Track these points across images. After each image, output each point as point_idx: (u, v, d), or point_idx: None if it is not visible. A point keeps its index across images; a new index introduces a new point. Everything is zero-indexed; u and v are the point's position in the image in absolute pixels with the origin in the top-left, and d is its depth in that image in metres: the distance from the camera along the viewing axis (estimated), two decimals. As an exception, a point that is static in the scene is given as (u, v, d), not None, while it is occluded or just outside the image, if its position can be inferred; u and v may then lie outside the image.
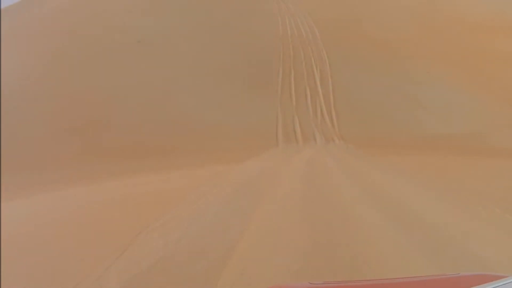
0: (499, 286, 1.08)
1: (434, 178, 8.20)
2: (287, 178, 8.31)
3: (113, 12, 21.39)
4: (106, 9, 21.95)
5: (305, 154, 11.33)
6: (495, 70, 18.65)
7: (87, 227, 5.42)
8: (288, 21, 21.99)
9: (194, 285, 3.23)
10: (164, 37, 19.03)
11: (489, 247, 3.91)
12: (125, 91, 14.60)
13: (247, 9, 22.65)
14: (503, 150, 12.93)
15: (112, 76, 15.66)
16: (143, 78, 15.38)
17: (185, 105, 13.67)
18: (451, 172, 9.05)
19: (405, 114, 15.02)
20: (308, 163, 10.29)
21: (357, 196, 6.36)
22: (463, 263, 3.48)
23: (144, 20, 20.41)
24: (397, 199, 6.24)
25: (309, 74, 17.24)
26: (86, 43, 18.30)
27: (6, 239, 4.37)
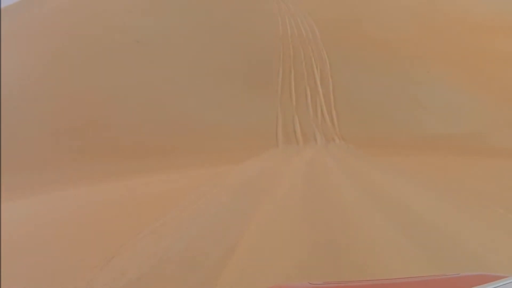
0: (499, 286, 1.08)
1: (434, 178, 8.17)
2: (287, 179, 8.27)
3: (112, 12, 21.33)
4: (105, 9, 21.89)
5: (306, 154, 11.28)
6: (495, 70, 18.60)
7: (85, 228, 5.39)
8: (288, 21, 21.95)
9: (194, 285, 3.22)
10: (163, 37, 18.98)
11: (489, 247, 3.90)
12: (124, 91, 14.56)
13: (247, 9, 22.61)
14: (504, 150, 12.89)
15: (111, 76, 15.62)
16: (142, 78, 15.34)
17: (184, 105, 13.63)
18: (451, 172, 9.02)
19: (405, 114, 15.00)
20: (308, 163, 10.25)
21: (357, 196, 6.35)
22: (463, 263, 3.48)
23: (143, 20, 20.36)
24: (397, 199, 6.22)
25: (309, 74, 17.20)
26: (85, 43, 18.24)
27: (5, 239, 4.36)
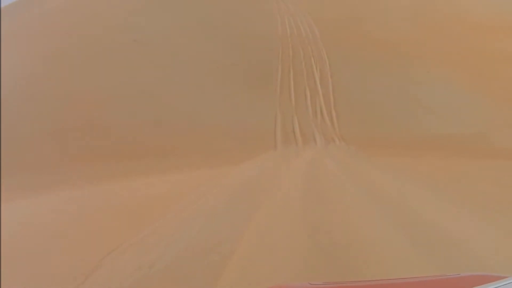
0: (499, 286, 1.08)
1: (435, 178, 8.14)
2: (287, 179, 8.22)
3: (109, 11, 21.24)
4: (103, 9, 21.80)
5: (305, 155, 11.21)
6: (495, 70, 18.57)
7: (84, 229, 5.39)
8: (287, 21, 21.87)
9: (195, 285, 3.26)
10: (161, 36, 18.88)
11: (489, 247, 3.95)
12: (121, 91, 14.41)
13: (246, 8, 22.57)
14: (504, 150, 12.82)
15: (109, 75, 15.50)
16: (139, 78, 15.23)
17: (181, 105, 13.50)
18: (451, 172, 8.96)
19: (405, 114, 14.91)
20: (308, 164, 10.19)
21: (357, 197, 6.34)
22: (463, 263, 3.49)
23: (140, 19, 20.27)
24: (397, 199, 6.22)
25: (308, 74, 17.11)
26: (82, 43, 18.13)
27: (5, 239, 4.40)
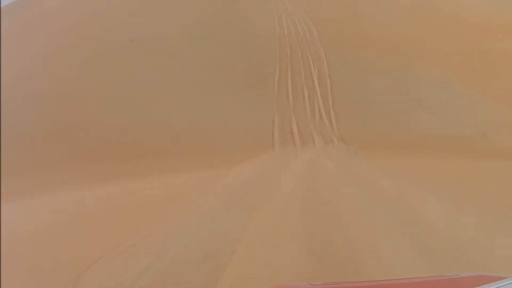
0: (499, 287, 1.08)
1: (435, 178, 8.10)
2: (285, 180, 8.13)
3: (106, 12, 21.12)
4: (101, 9, 21.67)
5: (303, 156, 11.09)
6: (495, 69, 18.55)
7: (81, 229, 5.40)
8: (285, 20, 21.79)
9: (195, 286, 3.28)
10: (159, 36, 18.76)
11: (489, 247, 3.96)
12: (117, 91, 14.28)
13: (243, 8, 22.50)
14: (504, 150, 12.85)
15: (108, 76, 15.40)
16: (137, 78, 15.10)
17: (176, 105, 13.36)
18: (451, 173, 8.95)
19: (405, 114, 14.83)
20: (306, 165, 10.09)
21: (357, 198, 6.32)
22: (463, 263, 3.49)
23: (139, 19, 20.14)
24: (397, 199, 6.17)
25: (306, 74, 17.01)
26: (82, 43, 18.03)
27: (5, 239, 4.42)
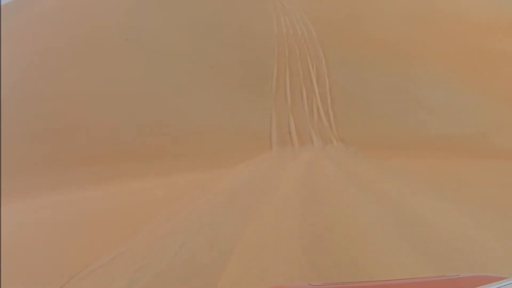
0: (499, 287, 1.07)
1: (435, 179, 8.07)
2: (284, 181, 8.06)
3: (102, 11, 20.94)
4: (104, 8, 21.48)
5: (302, 157, 10.98)
6: (495, 69, 18.52)
7: (79, 230, 5.46)
8: (283, 19, 21.69)
9: (195, 286, 3.28)
10: (157, 36, 18.59)
11: (489, 248, 3.94)
12: (119, 91, 14.13)
13: (241, 8, 22.40)
14: (504, 150, 12.87)
15: (108, 76, 15.26)
16: (136, 78, 14.95)
17: (172, 105, 13.20)
18: (452, 173, 8.91)
19: (405, 114, 14.76)
20: (305, 166, 9.98)
21: (357, 198, 6.31)
22: (463, 264, 3.48)
23: (137, 19, 19.97)
24: (397, 200, 6.15)
25: (304, 73, 16.91)
26: (82, 43, 17.85)
27: (4, 239, 4.48)
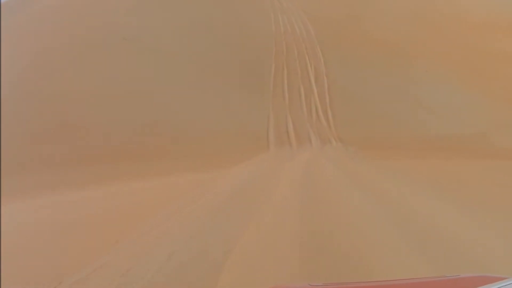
0: (499, 287, 1.07)
1: (435, 179, 8.08)
2: (283, 181, 8.00)
3: (109, 11, 20.80)
4: (103, 8, 21.33)
5: (300, 157, 10.88)
6: (495, 69, 18.48)
7: (76, 231, 5.43)
8: (281, 18, 21.62)
9: (195, 286, 3.28)
10: (155, 36, 18.47)
11: (490, 248, 3.93)
12: (118, 91, 13.98)
13: (239, 7, 22.33)
14: (504, 150, 12.77)
15: (107, 76, 15.13)
16: (135, 78, 14.82)
17: (169, 105, 13.06)
18: (452, 173, 8.91)
19: (405, 114, 14.68)
20: (304, 166, 9.89)
21: (356, 199, 6.33)
22: (463, 264, 3.47)
23: (132, 17, 19.82)
24: (397, 200, 6.15)
25: (303, 72, 16.83)
26: (82, 43, 17.70)
27: (4, 240, 4.44)
